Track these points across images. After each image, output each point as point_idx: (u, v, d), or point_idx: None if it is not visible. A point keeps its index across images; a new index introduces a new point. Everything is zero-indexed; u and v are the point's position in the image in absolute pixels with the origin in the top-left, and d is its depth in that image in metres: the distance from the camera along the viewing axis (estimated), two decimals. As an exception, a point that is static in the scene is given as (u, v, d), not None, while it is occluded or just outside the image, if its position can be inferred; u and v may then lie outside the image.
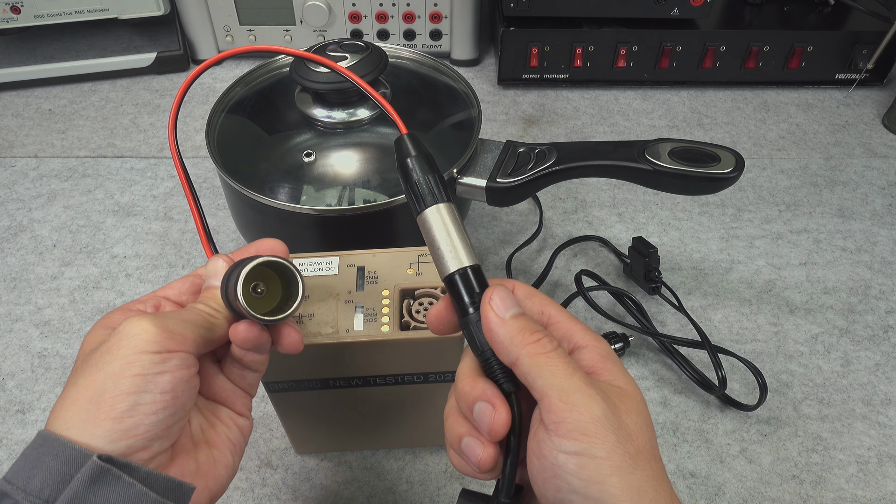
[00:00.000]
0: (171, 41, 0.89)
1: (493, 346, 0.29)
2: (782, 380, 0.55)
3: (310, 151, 0.53)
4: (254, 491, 0.48)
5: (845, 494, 0.48)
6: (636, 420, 0.28)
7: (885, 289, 0.62)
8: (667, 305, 0.60)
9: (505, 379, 0.29)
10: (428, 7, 0.83)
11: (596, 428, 0.26)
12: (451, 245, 0.31)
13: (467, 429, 0.30)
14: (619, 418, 0.27)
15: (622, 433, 0.27)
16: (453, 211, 0.32)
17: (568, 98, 0.84)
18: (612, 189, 0.72)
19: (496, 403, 0.29)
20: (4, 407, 0.53)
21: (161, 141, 0.78)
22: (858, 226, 0.68)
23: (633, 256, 0.60)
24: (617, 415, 0.27)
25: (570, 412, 0.26)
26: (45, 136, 0.78)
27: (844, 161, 0.76)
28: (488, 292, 0.30)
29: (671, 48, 0.81)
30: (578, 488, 0.26)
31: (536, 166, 0.53)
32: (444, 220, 0.31)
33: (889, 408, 0.53)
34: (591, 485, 0.26)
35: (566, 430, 0.26)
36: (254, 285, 0.32)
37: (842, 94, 0.85)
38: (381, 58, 0.53)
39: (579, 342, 0.30)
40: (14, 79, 0.84)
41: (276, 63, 0.62)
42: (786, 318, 0.60)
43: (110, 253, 0.65)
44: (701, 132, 0.80)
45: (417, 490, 0.48)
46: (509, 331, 0.29)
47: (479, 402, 0.29)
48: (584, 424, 0.26)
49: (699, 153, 0.51)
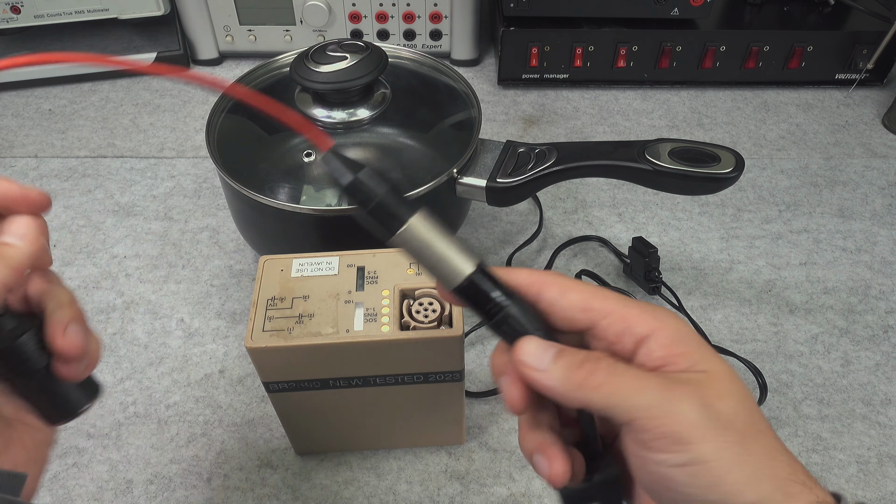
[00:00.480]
0: (171, 41, 0.89)
1: (553, 399, 0.27)
2: (782, 380, 0.55)
3: (310, 151, 0.53)
4: (254, 491, 0.48)
5: (845, 494, 0.48)
6: (730, 403, 0.25)
7: (885, 289, 0.62)
8: (667, 305, 0.60)
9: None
10: (428, 7, 0.83)
11: (695, 433, 0.24)
12: (450, 252, 0.27)
13: (536, 444, 0.28)
14: (713, 410, 0.25)
15: (721, 425, 0.25)
16: (429, 213, 0.28)
17: (568, 98, 0.84)
18: (612, 189, 0.72)
19: (551, 455, 0.27)
20: (4, 407, 0.53)
21: (161, 141, 0.78)
22: (858, 226, 0.68)
23: (633, 256, 0.60)
24: (710, 407, 0.25)
25: (663, 426, 0.25)
26: (45, 136, 0.78)
27: (844, 161, 0.76)
28: (517, 350, 0.27)
29: (671, 48, 0.81)
30: (697, 496, 0.25)
31: (536, 166, 0.53)
32: (430, 228, 0.27)
33: (889, 408, 0.53)
34: (709, 490, 0.25)
35: (666, 445, 0.25)
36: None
37: (842, 94, 0.85)
38: (380, 58, 0.53)
39: (641, 332, 0.27)
40: (14, 79, 0.84)
41: (277, 63, 0.62)
42: (786, 318, 0.60)
43: (110, 253, 0.65)
44: (701, 132, 0.80)
45: (417, 490, 0.48)
46: (558, 380, 0.26)
47: (535, 454, 0.28)
48: (682, 434, 0.24)
49: (699, 153, 0.51)
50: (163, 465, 0.50)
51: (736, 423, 0.25)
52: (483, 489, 0.48)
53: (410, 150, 0.56)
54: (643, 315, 0.27)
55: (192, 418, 0.52)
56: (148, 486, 0.49)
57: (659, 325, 0.27)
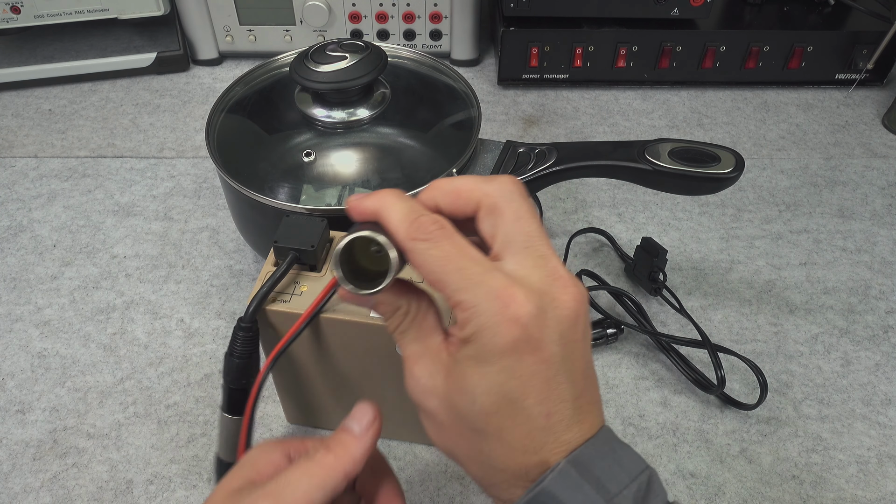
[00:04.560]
0: (171, 41, 0.89)
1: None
2: (782, 380, 0.55)
3: (309, 151, 0.53)
4: (254, 491, 0.49)
5: (845, 494, 0.48)
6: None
7: (885, 289, 0.62)
8: (667, 305, 0.60)
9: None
10: (428, 7, 0.83)
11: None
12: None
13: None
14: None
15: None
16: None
17: (568, 98, 0.84)
18: (612, 189, 0.72)
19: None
20: (4, 407, 0.53)
21: (161, 141, 0.78)
22: (858, 226, 0.68)
23: (641, 256, 0.60)
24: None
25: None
26: (45, 136, 0.78)
27: (844, 161, 0.76)
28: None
29: (671, 48, 0.81)
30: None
31: (536, 166, 0.53)
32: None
33: (889, 408, 0.53)
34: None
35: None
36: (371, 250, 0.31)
37: (842, 94, 0.85)
38: (380, 58, 0.53)
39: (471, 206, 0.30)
40: (14, 79, 0.84)
41: (276, 63, 0.62)
42: (786, 318, 0.60)
43: (110, 253, 0.65)
44: (701, 132, 0.80)
45: (417, 490, 0.48)
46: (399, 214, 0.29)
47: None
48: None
49: (699, 153, 0.51)
50: (163, 465, 0.50)
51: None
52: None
53: (410, 149, 0.56)
54: (472, 183, 0.30)
55: (192, 418, 0.52)
56: (148, 486, 0.49)
57: (482, 194, 0.29)
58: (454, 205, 0.29)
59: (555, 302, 0.27)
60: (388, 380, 0.44)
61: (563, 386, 0.27)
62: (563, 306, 0.27)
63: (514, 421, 0.27)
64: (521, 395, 0.27)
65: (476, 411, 0.27)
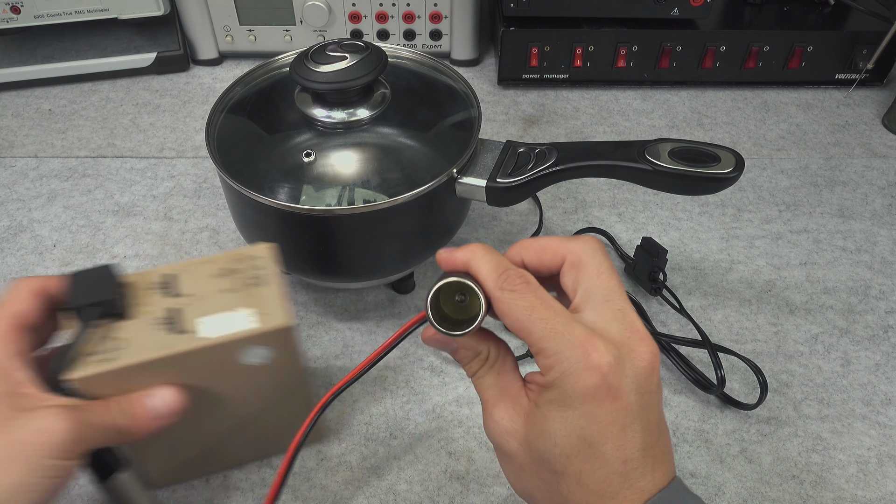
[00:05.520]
0: (171, 41, 0.89)
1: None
2: (782, 380, 0.55)
3: (309, 151, 0.53)
4: (254, 491, 0.48)
5: (845, 494, 0.48)
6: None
7: (885, 289, 0.62)
8: (667, 305, 0.60)
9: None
10: (428, 7, 0.83)
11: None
12: None
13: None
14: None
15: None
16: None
17: (568, 98, 0.84)
18: (612, 189, 0.72)
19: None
20: (4, 407, 0.53)
21: (161, 141, 0.78)
22: (858, 226, 0.68)
23: (641, 256, 0.60)
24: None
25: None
26: (45, 136, 0.79)
27: (844, 161, 0.76)
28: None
29: (671, 48, 0.81)
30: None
31: (536, 166, 0.53)
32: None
33: (889, 408, 0.53)
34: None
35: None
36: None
37: (842, 94, 0.85)
38: (380, 58, 0.53)
39: (556, 261, 0.32)
40: (14, 79, 0.84)
41: (276, 63, 0.62)
42: (786, 318, 0.60)
43: (110, 253, 0.65)
44: (701, 132, 0.80)
45: (417, 490, 0.48)
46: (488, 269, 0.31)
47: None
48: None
49: (699, 153, 0.51)
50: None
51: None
52: (483, 489, 0.48)
53: (410, 149, 0.56)
54: (556, 242, 0.32)
55: (192, 418, 0.52)
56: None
57: (567, 251, 0.32)
58: (540, 260, 0.32)
59: (632, 353, 0.29)
60: (235, 401, 0.43)
61: (639, 434, 0.28)
62: (640, 358, 0.29)
63: (593, 465, 0.28)
64: (600, 440, 0.28)
65: (556, 454, 0.28)
